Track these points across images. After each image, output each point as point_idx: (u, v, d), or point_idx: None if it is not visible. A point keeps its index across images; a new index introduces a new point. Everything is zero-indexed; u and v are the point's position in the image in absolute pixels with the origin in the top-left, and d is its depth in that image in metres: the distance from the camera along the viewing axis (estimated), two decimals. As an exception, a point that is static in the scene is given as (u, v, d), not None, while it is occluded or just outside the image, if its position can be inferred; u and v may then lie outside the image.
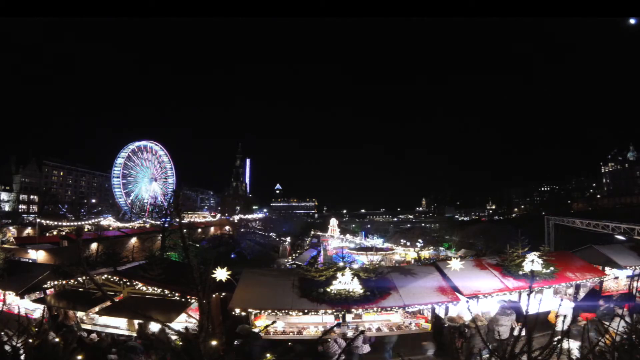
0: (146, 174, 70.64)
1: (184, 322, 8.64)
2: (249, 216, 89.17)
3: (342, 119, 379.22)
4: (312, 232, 56.79)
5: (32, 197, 70.39)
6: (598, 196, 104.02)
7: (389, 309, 9.02)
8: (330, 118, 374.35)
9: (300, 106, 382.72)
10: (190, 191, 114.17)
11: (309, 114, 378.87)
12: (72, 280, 9.85)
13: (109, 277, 9.63)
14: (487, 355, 3.00)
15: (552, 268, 10.20)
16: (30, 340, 3.07)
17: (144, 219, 61.48)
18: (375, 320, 9.62)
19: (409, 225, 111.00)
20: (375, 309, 8.97)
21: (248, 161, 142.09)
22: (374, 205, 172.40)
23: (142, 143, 68.84)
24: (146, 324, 8.21)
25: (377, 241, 47.14)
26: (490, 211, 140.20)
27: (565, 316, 6.98)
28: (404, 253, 34.18)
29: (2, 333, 2.94)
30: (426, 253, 31.95)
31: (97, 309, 8.97)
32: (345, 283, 8.95)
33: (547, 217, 36.27)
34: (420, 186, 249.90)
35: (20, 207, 67.98)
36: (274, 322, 7.12)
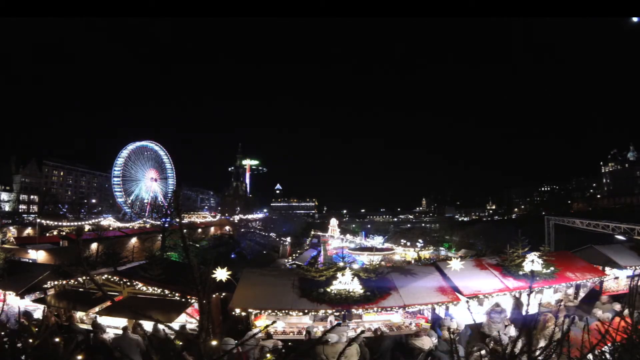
0: (146, 174, 70.69)
1: (184, 321, 8.66)
2: (249, 216, 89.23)
3: (342, 119, 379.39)
4: (312, 232, 56.82)
5: (32, 197, 70.44)
6: (598, 196, 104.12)
7: (389, 309, 9.00)
8: (329, 118, 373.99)
9: (299, 105, 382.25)
10: (190, 191, 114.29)
11: (309, 113, 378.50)
12: (72, 280, 9.85)
13: (109, 277, 9.63)
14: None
15: (552, 268, 10.20)
16: (31, 341, 3.07)
17: (144, 219, 61.53)
18: (375, 320, 9.62)
19: (409, 225, 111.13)
20: (375, 309, 8.95)
21: (248, 161, 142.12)
22: (374, 205, 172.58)
23: (142, 143, 68.91)
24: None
25: (377, 241, 47.14)
26: (491, 211, 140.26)
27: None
28: (404, 253, 34.21)
29: (2, 333, 2.94)
30: (426, 253, 31.97)
31: (97, 309, 8.98)
32: (346, 283, 8.95)
33: (547, 217, 36.27)
34: (420, 186, 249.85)
35: (20, 207, 68.02)
36: (274, 322, 7.11)
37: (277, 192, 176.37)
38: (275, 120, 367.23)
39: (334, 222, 52.42)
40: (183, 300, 8.77)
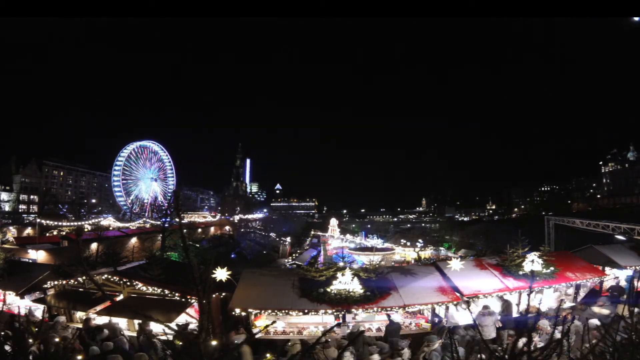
0: (146, 174, 70.69)
1: (184, 322, 8.65)
2: (249, 216, 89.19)
3: (342, 119, 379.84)
4: (312, 232, 56.89)
5: (32, 197, 70.39)
6: (598, 196, 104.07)
7: (389, 309, 9.01)
8: (330, 118, 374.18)
9: (299, 104, 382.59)
10: (190, 191, 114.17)
11: (309, 113, 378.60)
12: (72, 280, 9.85)
13: (109, 277, 9.63)
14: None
15: (552, 268, 10.20)
16: (31, 341, 3.07)
17: (144, 219, 61.48)
18: (375, 321, 9.62)
19: (409, 225, 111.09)
20: (375, 309, 8.96)
21: (248, 161, 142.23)
22: (374, 205, 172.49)
23: (142, 143, 68.89)
24: (146, 323, 8.21)
25: (377, 241, 47.13)
26: (491, 211, 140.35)
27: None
28: (404, 253, 34.21)
29: (2, 333, 2.94)
30: (426, 253, 31.94)
31: (97, 309, 8.97)
32: (346, 283, 8.95)
33: (547, 217, 36.21)
34: (420, 186, 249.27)
35: (20, 207, 67.97)
36: (274, 322, 7.13)
37: (277, 192, 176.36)
38: (276, 120, 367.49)
39: (334, 222, 52.42)
40: (183, 300, 8.78)
